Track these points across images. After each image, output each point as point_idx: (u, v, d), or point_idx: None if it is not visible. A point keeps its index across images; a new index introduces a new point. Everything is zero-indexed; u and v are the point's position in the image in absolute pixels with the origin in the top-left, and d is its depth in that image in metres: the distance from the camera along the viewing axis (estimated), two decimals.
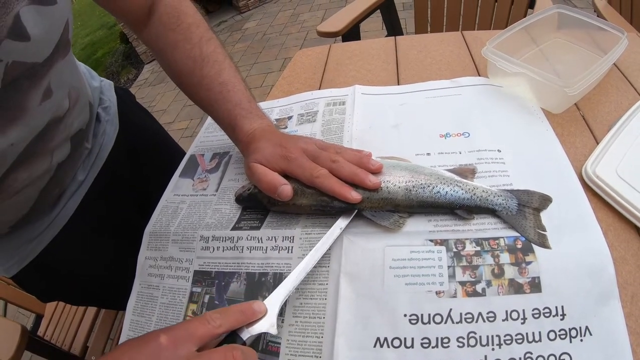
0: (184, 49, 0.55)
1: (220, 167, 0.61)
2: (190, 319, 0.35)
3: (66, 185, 0.62)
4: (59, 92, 0.50)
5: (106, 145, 0.69)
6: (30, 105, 0.45)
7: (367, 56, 0.80)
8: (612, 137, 0.50)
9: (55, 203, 0.62)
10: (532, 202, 0.42)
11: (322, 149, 0.49)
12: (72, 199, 0.64)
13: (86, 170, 0.66)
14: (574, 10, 0.63)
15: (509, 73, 0.57)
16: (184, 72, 0.56)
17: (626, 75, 0.61)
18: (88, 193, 0.65)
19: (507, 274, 0.38)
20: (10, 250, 0.59)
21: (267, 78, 3.02)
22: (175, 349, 0.32)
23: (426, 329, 0.37)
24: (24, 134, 0.46)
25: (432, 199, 0.43)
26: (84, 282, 0.69)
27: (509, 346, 0.35)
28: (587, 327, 0.35)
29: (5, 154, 0.45)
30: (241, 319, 0.36)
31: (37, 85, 0.45)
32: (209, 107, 0.56)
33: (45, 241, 0.61)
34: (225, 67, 0.56)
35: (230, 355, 0.32)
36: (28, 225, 0.59)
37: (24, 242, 0.59)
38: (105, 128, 0.70)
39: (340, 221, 0.45)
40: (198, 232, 0.52)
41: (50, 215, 0.61)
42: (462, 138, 0.53)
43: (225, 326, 0.35)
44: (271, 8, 4.18)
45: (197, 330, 0.33)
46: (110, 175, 0.69)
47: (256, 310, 0.37)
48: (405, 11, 2.87)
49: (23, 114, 0.45)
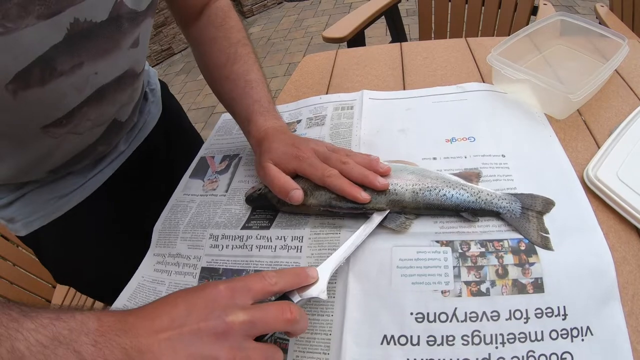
0: (222, 45, 0.61)
1: (230, 168, 0.62)
2: (248, 275, 0.36)
3: (109, 149, 0.65)
4: (142, 46, 0.54)
5: (149, 123, 0.73)
6: (123, 45, 0.49)
7: (373, 62, 0.82)
8: (613, 142, 0.51)
9: (94, 164, 0.64)
10: (535, 205, 0.44)
11: (333, 152, 0.51)
12: (109, 166, 0.66)
13: (128, 142, 0.69)
14: (576, 17, 0.65)
15: (513, 80, 0.59)
16: (217, 65, 0.60)
17: (627, 81, 0.62)
18: (124, 164, 0.68)
19: (510, 275, 0.39)
20: (39, 203, 0.61)
21: (272, 83, 3.04)
22: (233, 298, 0.33)
23: (432, 327, 0.38)
24: (108, 70, 0.50)
25: (439, 202, 0.44)
26: (98, 260, 0.69)
27: (512, 345, 0.36)
28: (589, 327, 0.36)
29: (87, 80, 0.47)
30: (296, 281, 0.37)
31: (132, 30, 0.49)
32: (231, 101, 0.60)
33: (73, 201, 0.63)
34: (253, 70, 0.60)
35: (287, 309, 0.33)
36: (65, 179, 0.61)
37: (53, 197, 0.61)
38: (150, 108, 0.74)
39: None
40: (208, 230, 0.53)
41: (86, 176, 0.64)
42: (467, 142, 0.54)
43: (280, 285, 0.36)
44: (275, 13, 4.21)
45: (254, 285, 0.34)
46: (147, 153, 0.72)
47: (310, 275, 0.38)
48: (409, 17, 2.90)
49: (114, 50, 0.48)
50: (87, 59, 0.45)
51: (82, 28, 0.42)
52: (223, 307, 0.32)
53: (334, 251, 0.45)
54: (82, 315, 0.29)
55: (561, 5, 2.89)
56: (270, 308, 0.33)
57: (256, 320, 0.32)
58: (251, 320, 0.32)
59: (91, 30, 0.43)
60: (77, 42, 0.42)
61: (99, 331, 0.29)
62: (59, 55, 0.41)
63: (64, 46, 0.41)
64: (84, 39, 0.43)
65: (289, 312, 0.33)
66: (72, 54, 0.43)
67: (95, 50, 0.46)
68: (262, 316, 0.32)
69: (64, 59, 0.42)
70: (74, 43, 0.42)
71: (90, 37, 0.44)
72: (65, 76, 0.44)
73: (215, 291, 0.33)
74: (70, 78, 0.45)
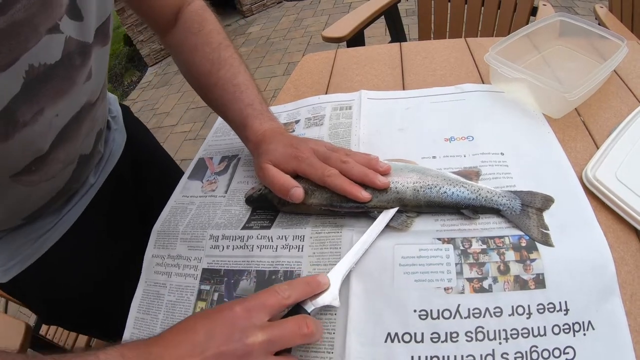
0: (204, 51, 0.59)
1: (229, 169, 0.62)
2: (260, 291, 0.36)
3: (79, 185, 0.64)
4: (96, 77, 0.53)
5: (115, 152, 0.72)
6: (78, 81, 0.48)
7: (373, 61, 0.82)
8: (612, 142, 0.51)
9: (66, 202, 0.63)
10: (535, 202, 0.44)
11: (332, 151, 0.51)
12: (81, 201, 0.65)
13: (97, 174, 0.67)
14: (575, 18, 0.65)
15: (511, 79, 0.59)
16: (202, 73, 0.59)
17: (626, 82, 0.63)
18: (95, 197, 0.67)
19: (512, 271, 0.39)
20: (14, 248, 0.59)
21: (271, 82, 3.04)
22: (250, 318, 0.33)
23: (435, 324, 0.38)
24: (68, 109, 0.49)
25: (439, 199, 0.45)
26: (83, 296, 0.68)
27: (515, 340, 0.36)
28: (590, 321, 0.36)
29: (50, 124, 0.47)
30: (308, 290, 0.38)
31: (85, 64, 0.48)
32: (222, 107, 0.59)
33: (50, 242, 0.61)
34: (240, 72, 0.59)
35: (304, 324, 0.34)
36: (38, 221, 0.60)
37: (29, 240, 0.59)
38: (115, 136, 0.72)
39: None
40: (208, 231, 0.53)
41: (59, 214, 0.62)
42: (466, 142, 0.55)
43: (294, 297, 0.36)
44: (275, 12, 4.21)
45: (268, 301, 0.35)
46: (116, 183, 0.71)
47: (321, 283, 0.39)
48: (408, 17, 2.90)
49: (71, 88, 0.47)
50: (46, 103, 0.44)
51: (38, 73, 0.41)
52: (242, 328, 0.33)
53: (336, 250, 0.45)
54: (105, 355, 0.30)
55: (560, 6, 2.91)
56: (288, 324, 0.34)
57: (275, 338, 0.33)
58: (270, 339, 0.33)
59: (47, 74, 0.42)
60: (35, 88, 0.42)
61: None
62: (20, 106, 0.41)
63: (22, 95, 0.40)
64: (41, 83, 0.42)
65: (305, 327, 0.34)
66: (31, 102, 0.42)
67: (53, 93, 0.45)
68: (280, 334, 0.33)
69: (25, 108, 0.42)
70: (32, 89, 0.41)
71: (47, 80, 0.43)
72: (29, 126, 0.43)
73: (232, 313, 0.33)
74: (33, 127, 0.44)
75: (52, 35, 0.41)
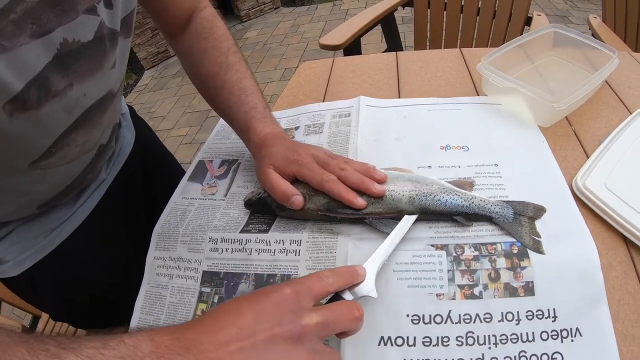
0: (212, 55, 0.61)
1: (229, 174, 0.63)
2: (304, 276, 0.36)
3: (93, 177, 0.65)
4: (119, 67, 0.54)
5: (125, 148, 0.73)
6: (105, 65, 0.49)
7: (370, 70, 0.83)
8: (602, 152, 0.53)
9: (78, 195, 0.64)
10: (527, 211, 0.45)
11: (331, 158, 0.52)
12: (94, 195, 0.66)
13: (108, 169, 0.69)
14: (569, 29, 0.66)
15: (503, 89, 0.60)
16: (210, 75, 0.61)
17: (617, 92, 0.64)
18: (107, 192, 0.68)
19: (502, 278, 0.41)
20: (29, 239, 0.59)
21: (267, 87, 3.05)
22: (299, 301, 0.32)
23: (427, 328, 0.39)
24: (94, 91, 0.50)
25: (434, 207, 0.46)
26: (93, 293, 0.68)
27: (504, 345, 0.37)
28: (578, 328, 0.37)
29: (77, 102, 0.48)
30: (349, 279, 0.38)
31: (113, 50, 0.50)
32: (227, 109, 0.61)
33: (63, 234, 0.62)
34: (246, 76, 0.62)
35: (355, 308, 0.34)
36: (52, 212, 0.61)
37: (43, 232, 0.60)
38: (124, 132, 0.74)
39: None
40: (207, 233, 0.53)
41: (72, 207, 0.63)
42: (461, 152, 0.56)
43: (337, 285, 0.36)
44: (272, 18, 4.23)
45: (314, 286, 0.34)
46: (126, 179, 0.72)
47: (360, 273, 0.39)
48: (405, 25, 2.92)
49: (99, 71, 0.48)
50: (75, 79, 0.45)
51: (71, 48, 0.43)
52: (293, 310, 0.32)
53: (332, 255, 0.46)
54: (132, 339, 0.28)
55: (555, 16, 2.95)
56: (340, 307, 0.34)
57: (329, 321, 0.32)
58: (324, 321, 0.32)
59: (79, 51, 0.44)
60: (66, 62, 0.43)
61: (155, 353, 0.27)
62: (52, 75, 0.42)
63: (54, 66, 0.41)
64: (73, 59, 0.43)
65: (356, 310, 0.34)
66: (62, 74, 0.43)
67: (82, 71, 0.46)
68: (333, 316, 0.33)
69: (56, 79, 0.43)
70: (63, 63, 0.42)
71: (78, 57, 0.44)
72: (59, 97, 0.44)
73: (282, 295, 0.32)
74: (62, 100, 0.45)
75: (89, 16, 0.43)
